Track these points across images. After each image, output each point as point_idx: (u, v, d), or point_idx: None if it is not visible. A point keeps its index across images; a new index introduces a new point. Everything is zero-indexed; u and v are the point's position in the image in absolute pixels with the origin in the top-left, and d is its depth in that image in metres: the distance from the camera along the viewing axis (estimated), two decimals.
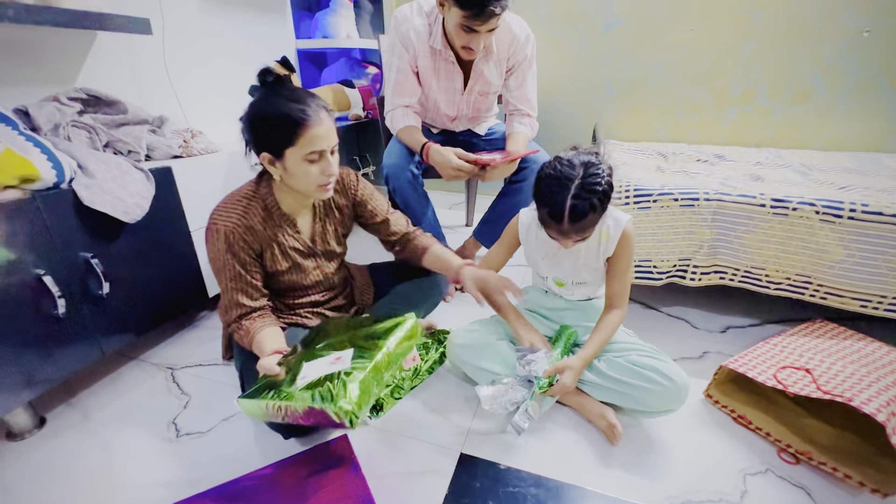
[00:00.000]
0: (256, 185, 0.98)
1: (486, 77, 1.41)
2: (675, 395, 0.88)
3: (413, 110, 1.43)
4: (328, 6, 2.09)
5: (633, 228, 0.96)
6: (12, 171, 0.86)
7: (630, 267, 0.98)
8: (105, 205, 0.99)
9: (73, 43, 1.20)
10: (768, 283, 1.23)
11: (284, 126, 0.84)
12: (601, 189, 0.82)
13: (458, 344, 1.07)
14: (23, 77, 1.11)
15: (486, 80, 1.41)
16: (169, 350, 1.27)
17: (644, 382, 0.90)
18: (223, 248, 0.92)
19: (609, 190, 0.84)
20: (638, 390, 0.90)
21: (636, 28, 1.96)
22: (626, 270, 0.98)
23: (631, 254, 0.97)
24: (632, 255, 0.97)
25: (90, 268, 1.00)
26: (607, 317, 0.98)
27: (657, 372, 0.89)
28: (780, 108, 1.89)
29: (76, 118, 1.12)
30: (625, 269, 0.98)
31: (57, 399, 1.08)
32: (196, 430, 0.99)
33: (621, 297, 0.99)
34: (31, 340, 0.92)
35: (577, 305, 1.09)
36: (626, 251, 0.96)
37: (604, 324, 0.97)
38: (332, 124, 0.91)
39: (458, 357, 1.08)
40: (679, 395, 0.89)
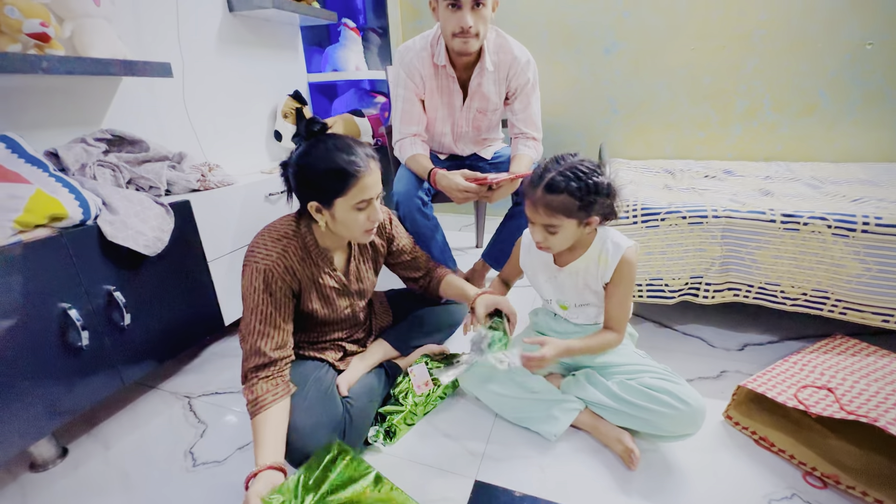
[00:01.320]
0: (296, 224, 0.97)
1: (483, 93, 1.43)
2: (691, 418, 0.87)
3: (421, 139, 1.48)
4: (338, 41, 2.18)
5: (634, 256, 0.94)
6: (43, 211, 0.90)
7: (629, 295, 0.97)
8: (127, 239, 1.03)
9: (99, 88, 1.27)
10: (784, 300, 1.21)
11: (337, 178, 0.85)
12: (586, 180, 0.84)
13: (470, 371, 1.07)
14: (53, 121, 1.18)
15: (484, 95, 1.44)
16: (186, 378, 1.29)
17: (657, 406, 0.88)
18: (261, 286, 0.89)
19: (595, 189, 0.85)
20: (651, 414, 0.89)
21: (637, 50, 2.00)
22: (624, 298, 0.96)
23: (630, 282, 0.95)
24: (631, 284, 0.96)
25: (112, 300, 1.04)
26: (602, 332, 0.98)
27: (671, 395, 0.88)
28: (786, 121, 1.90)
29: (101, 157, 1.18)
30: (623, 297, 0.96)
31: (78, 429, 1.10)
32: (212, 459, 1.00)
33: (619, 323, 0.98)
34: (56, 372, 0.95)
35: (586, 330, 1.07)
36: (625, 278, 0.94)
37: (597, 335, 0.98)
38: (379, 172, 0.92)
39: (470, 382, 1.08)
40: (695, 419, 0.87)
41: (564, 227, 0.89)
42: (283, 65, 1.98)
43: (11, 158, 0.97)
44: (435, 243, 1.46)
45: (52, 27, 0.96)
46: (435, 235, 1.46)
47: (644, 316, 1.50)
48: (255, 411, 0.85)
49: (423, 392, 1.10)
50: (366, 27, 2.41)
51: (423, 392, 1.10)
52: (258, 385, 0.87)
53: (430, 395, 1.12)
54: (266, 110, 1.90)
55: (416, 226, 1.41)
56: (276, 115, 1.90)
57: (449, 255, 1.52)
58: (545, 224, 0.90)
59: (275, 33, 1.90)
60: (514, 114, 1.50)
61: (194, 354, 1.40)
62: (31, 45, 0.95)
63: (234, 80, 1.73)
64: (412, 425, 1.06)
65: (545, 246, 0.94)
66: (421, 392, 1.09)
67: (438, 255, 1.47)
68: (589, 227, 0.93)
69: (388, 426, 1.02)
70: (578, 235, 0.93)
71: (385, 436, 1.01)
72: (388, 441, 1.01)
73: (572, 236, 0.92)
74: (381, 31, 2.41)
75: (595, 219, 0.91)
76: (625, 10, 1.96)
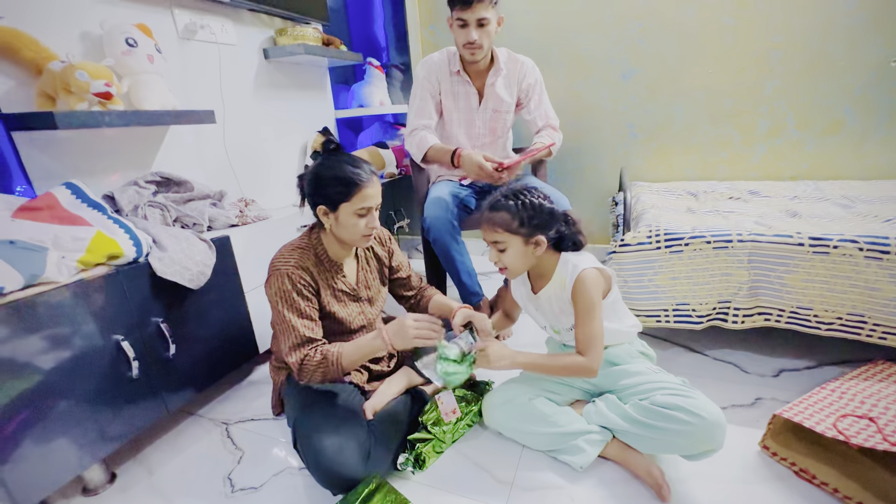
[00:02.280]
0: (308, 237, 1.09)
1: (497, 94, 1.59)
2: (708, 432, 0.85)
3: (430, 131, 1.60)
4: (363, 78, 2.31)
5: (589, 276, 0.96)
6: (102, 251, 0.99)
7: (588, 316, 0.96)
8: (175, 274, 1.11)
9: (151, 135, 1.40)
10: (818, 324, 1.18)
11: (343, 185, 0.98)
12: (524, 199, 0.97)
13: (493, 407, 1.09)
14: (110, 167, 1.30)
15: (498, 96, 1.60)
16: (223, 406, 1.35)
17: (671, 424, 0.87)
18: (288, 287, 1.00)
19: (532, 208, 0.96)
20: (666, 434, 0.87)
21: (653, 75, 2.03)
22: (583, 317, 0.96)
23: (586, 302, 0.95)
24: (587, 301, 0.95)
25: (160, 331, 1.11)
26: (570, 355, 0.98)
27: (682, 410, 0.86)
28: (812, 139, 1.87)
29: (151, 199, 1.28)
30: (582, 316, 0.97)
31: (125, 454, 1.16)
32: (249, 485, 1.04)
33: (585, 346, 0.96)
34: (109, 400, 1.01)
35: None
36: (581, 299, 0.96)
37: (561, 356, 1.00)
38: (379, 187, 1.03)
39: (495, 421, 1.10)
40: (712, 432, 0.85)
41: (510, 244, 0.98)
42: (313, 103, 2.10)
43: (75, 203, 1.08)
44: (463, 266, 1.51)
45: (114, 86, 1.07)
46: (464, 259, 1.51)
47: (672, 340, 1.48)
48: (338, 351, 0.98)
49: (451, 420, 1.11)
50: (389, 64, 2.54)
51: (451, 420, 1.11)
52: (317, 351, 0.98)
53: (458, 422, 1.13)
54: (297, 146, 2.01)
55: (446, 249, 1.47)
56: (307, 151, 2.01)
57: (475, 280, 1.56)
58: (492, 241, 1.00)
59: (305, 75, 2.03)
60: (530, 113, 1.65)
61: (230, 382, 1.46)
62: (95, 101, 1.07)
63: (269, 120, 1.85)
64: (441, 453, 1.08)
65: (501, 266, 1.01)
66: (449, 420, 1.11)
67: (466, 278, 1.51)
68: (538, 249, 0.98)
69: (417, 454, 1.04)
70: (530, 257, 1.00)
71: (415, 463, 1.03)
72: (418, 469, 1.03)
73: (522, 255, 0.99)
74: (403, 67, 2.53)
75: (541, 239, 0.97)
76: (639, 37, 2.00)
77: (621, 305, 1.10)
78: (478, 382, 1.27)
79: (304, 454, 0.98)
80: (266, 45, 1.80)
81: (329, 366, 0.97)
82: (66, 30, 1.17)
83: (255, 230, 1.43)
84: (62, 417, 0.93)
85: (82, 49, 1.20)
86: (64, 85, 1.03)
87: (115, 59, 1.16)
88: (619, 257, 1.34)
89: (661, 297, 1.31)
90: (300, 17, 1.88)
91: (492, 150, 1.71)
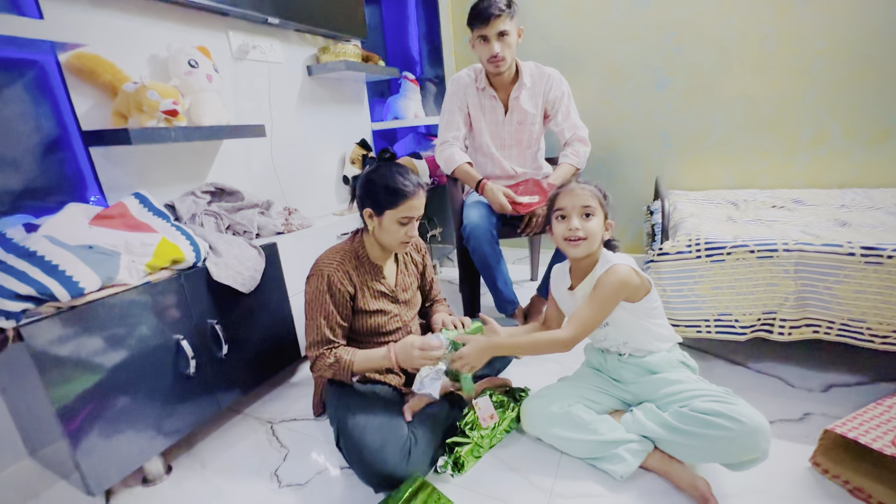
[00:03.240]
0: (351, 241, 1.17)
1: (522, 107, 1.64)
2: (750, 438, 0.83)
3: (460, 145, 1.66)
4: (398, 92, 2.38)
5: (620, 270, 0.98)
6: (167, 255, 1.07)
7: (597, 301, 0.98)
8: (229, 279, 1.18)
9: (206, 149, 1.50)
10: (872, 337, 1.14)
11: (392, 193, 1.04)
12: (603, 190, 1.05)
13: (532, 414, 1.10)
14: (171, 178, 1.40)
15: (523, 109, 1.65)
16: (268, 405, 1.41)
17: (710, 430, 0.85)
18: (324, 289, 1.08)
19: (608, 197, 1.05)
20: (706, 440, 0.86)
21: (688, 85, 2.01)
22: (589, 301, 0.99)
23: (605, 290, 0.98)
24: (606, 293, 0.98)
25: (214, 332, 1.18)
26: (551, 331, 1.01)
27: (722, 416, 0.85)
28: (859, 148, 1.81)
29: (207, 207, 1.37)
30: (589, 300, 1.00)
31: (180, 448, 1.23)
32: (295, 481, 1.08)
33: (573, 322, 0.99)
34: (168, 397, 1.09)
35: (632, 362, 1.08)
36: (599, 285, 0.99)
37: (541, 333, 1.03)
38: (424, 199, 1.09)
39: (534, 428, 1.11)
40: (755, 439, 0.83)
41: (597, 214, 1.02)
42: (351, 116, 2.19)
43: (143, 212, 1.17)
44: (500, 274, 1.53)
45: (180, 104, 1.17)
46: (500, 267, 1.54)
47: (713, 352, 1.45)
48: (350, 359, 1.05)
49: (489, 425, 1.13)
50: (423, 77, 2.61)
51: (489, 425, 1.13)
52: (332, 352, 1.06)
53: (496, 428, 1.15)
54: (336, 157, 2.10)
55: (484, 257, 1.50)
56: (345, 162, 2.09)
57: (511, 289, 1.58)
58: (584, 205, 1.01)
59: (344, 90, 2.12)
60: (558, 125, 1.68)
61: (276, 383, 1.52)
62: (163, 118, 1.16)
63: (311, 132, 1.94)
64: (479, 457, 1.09)
65: (582, 235, 1.00)
66: (486, 425, 1.13)
67: (502, 286, 1.54)
68: (608, 232, 1.05)
69: (455, 457, 1.06)
70: (602, 238, 1.03)
71: (453, 466, 1.05)
72: (457, 472, 1.05)
73: (601, 231, 1.03)
74: (437, 80, 2.60)
75: (611, 223, 1.05)
76: (674, 47, 2.00)
77: (661, 314, 1.09)
78: (514, 389, 1.28)
79: (347, 452, 1.03)
80: (310, 62, 1.90)
81: (340, 369, 1.06)
82: (136, 53, 1.28)
83: (298, 237, 1.50)
84: (128, 410, 1.00)
85: (150, 70, 1.31)
86: (136, 104, 1.13)
87: (180, 79, 1.26)
88: (658, 266, 1.33)
89: (702, 307, 1.29)
90: (341, 35, 1.97)
91: (521, 160, 1.75)
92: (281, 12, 1.62)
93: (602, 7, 2.08)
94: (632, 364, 1.08)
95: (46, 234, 0.95)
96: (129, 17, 1.26)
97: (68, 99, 1.14)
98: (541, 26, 2.23)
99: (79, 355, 0.91)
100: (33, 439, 1.06)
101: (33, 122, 1.09)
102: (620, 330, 1.06)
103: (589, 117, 1.74)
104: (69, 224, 1.02)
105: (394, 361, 1.04)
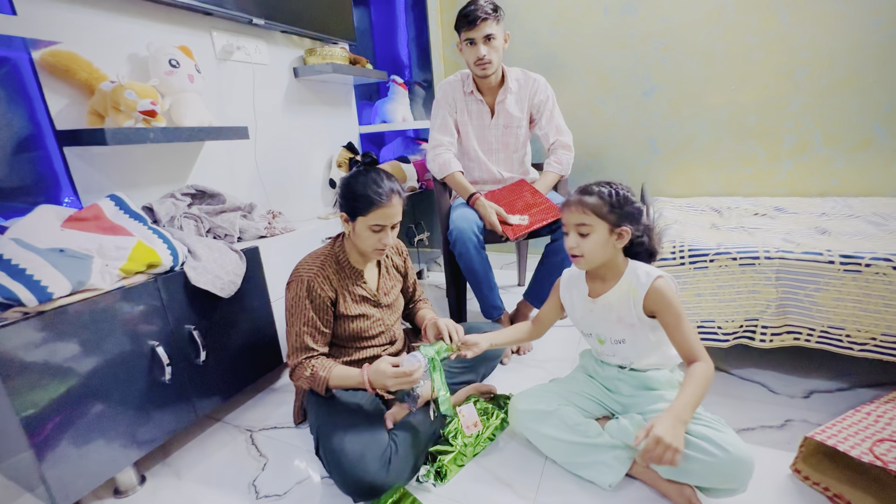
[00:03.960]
0: (332, 245, 1.16)
1: (507, 111, 1.66)
2: (732, 468, 0.82)
3: (453, 151, 1.67)
4: (386, 95, 2.37)
5: (665, 284, 0.94)
6: (142, 259, 1.04)
7: (680, 318, 0.93)
8: (207, 283, 1.15)
9: (187, 150, 1.47)
10: (851, 344, 1.15)
11: (363, 200, 1.04)
12: (617, 189, 0.96)
13: (521, 410, 1.08)
14: (149, 179, 1.37)
15: (509, 113, 1.67)
16: (248, 413, 1.38)
17: (694, 452, 0.84)
18: (304, 294, 1.06)
19: (625, 201, 0.95)
20: (689, 461, 0.85)
21: (675, 92, 2.04)
22: (677, 323, 0.93)
23: (671, 306, 0.93)
24: (675, 308, 0.93)
25: (192, 338, 1.15)
26: (690, 368, 0.92)
27: (710, 441, 0.84)
28: (840, 156, 1.84)
29: (186, 210, 1.34)
30: (676, 322, 0.93)
31: (154, 458, 1.19)
32: (273, 492, 1.05)
33: (692, 349, 0.91)
34: (142, 404, 1.05)
35: (632, 376, 1.05)
36: (665, 305, 0.93)
37: (689, 374, 0.90)
38: (400, 207, 1.07)
39: (521, 423, 1.09)
40: (737, 470, 0.82)
41: (595, 229, 0.95)
42: (338, 119, 2.17)
43: (118, 214, 1.13)
44: (486, 280, 1.53)
45: (159, 104, 1.14)
46: (487, 273, 1.54)
47: None
48: (325, 375, 1.03)
49: (473, 433, 1.11)
50: (412, 81, 2.60)
51: (473, 433, 1.11)
52: (311, 362, 1.06)
53: (480, 436, 1.13)
54: (322, 160, 2.08)
55: (470, 262, 1.49)
56: (332, 165, 2.07)
57: (497, 294, 1.57)
58: (577, 223, 0.96)
59: (331, 92, 2.11)
60: (541, 128, 1.70)
61: (255, 390, 1.49)
62: (141, 119, 1.13)
63: (296, 135, 1.91)
64: (462, 466, 1.08)
65: (578, 253, 0.97)
66: (470, 433, 1.11)
67: (488, 291, 1.54)
68: (621, 241, 0.96)
69: (438, 466, 1.04)
70: (609, 249, 0.96)
71: (436, 476, 1.03)
72: (439, 481, 1.03)
73: (603, 244, 0.95)
74: (425, 84, 2.59)
75: (626, 230, 0.95)
76: (662, 55, 2.02)
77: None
78: (499, 396, 1.27)
79: (327, 460, 1.00)
80: (296, 64, 1.88)
81: (314, 382, 1.04)
82: (115, 52, 1.25)
83: (282, 241, 1.48)
84: (99, 420, 0.97)
85: (129, 69, 1.28)
86: (114, 103, 1.10)
87: (160, 78, 1.23)
88: None
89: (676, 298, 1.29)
90: (328, 38, 1.96)
91: (508, 164, 1.75)
92: (267, 14, 1.60)
93: (591, 15, 2.10)
94: (631, 377, 1.05)
95: (14, 237, 0.91)
96: (108, 14, 1.23)
97: (42, 97, 1.11)
98: (530, 33, 2.24)
99: (47, 362, 0.87)
100: None
101: (4, 120, 1.06)
102: (635, 348, 1.02)
103: (576, 124, 1.76)
104: (39, 226, 0.98)
105: (366, 382, 1.00)
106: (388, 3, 2.53)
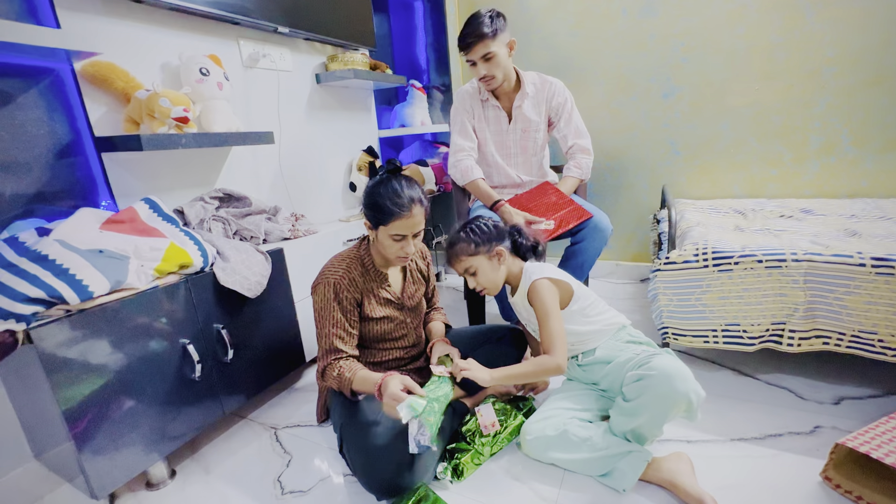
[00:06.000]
0: (357, 248, 1.18)
1: (525, 115, 1.67)
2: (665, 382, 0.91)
3: (474, 157, 1.69)
4: (405, 99, 2.41)
5: (540, 285, 1.09)
6: (175, 260, 1.08)
7: (547, 316, 1.06)
8: (235, 284, 1.19)
9: (216, 155, 1.52)
10: (884, 350, 1.12)
11: (384, 210, 1.04)
12: (470, 225, 1.17)
13: (530, 440, 1.07)
14: (180, 183, 1.42)
15: (526, 117, 1.67)
16: (272, 411, 1.41)
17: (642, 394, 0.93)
18: (331, 296, 1.09)
19: (479, 229, 1.15)
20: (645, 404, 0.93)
21: (696, 93, 2.01)
22: (544, 319, 1.07)
23: (542, 305, 1.07)
24: (544, 306, 1.07)
25: (220, 337, 1.19)
26: (540, 357, 1.05)
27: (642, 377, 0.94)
28: (870, 157, 1.79)
29: (215, 213, 1.38)
30: (543, 319, 1.07)
31: (184, 453, 1.23)
32: (298, 488, 1.08)
33: (549, 344, 1.05)
34: (173, 400, 1.09)
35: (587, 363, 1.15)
36: (537, 304, 1.08)
37: (532, 360, 1.07)
38: (422, 216, 1.07)
39: (533, 453, 1.08)
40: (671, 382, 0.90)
41: (477, 265, 1.14)
42: (358, 124, 2.21)
43: (152, 216, 1.18)
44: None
45: (191, 111, 1.18)
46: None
47: (721, 363, 1.43)
48: (350, 377, 1.04)
49: (490, 433, 1.12)
50: (430, 85, 2.63)
51: (490, 433, 1.12)
52: (338, 364, 1.07)
53: (498, 435, 1.14)
54: (343, 164, 2.12)
55: None
56: (352, 169, 2.11)
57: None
58: (463, 270, 1.16)
59: (352, 98, 2.15)
60: (560, 131, 1.70)
61: (279, 388, 1.52)
62: (174, 125, 1.18)
63: (318, 139, 1.96)
64: (479, 465, 1.08)
65: (480, 288, 1.16)
66: (488, 433, 1.12)
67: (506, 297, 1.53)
68: (502, 258, 1.15)
69: (455, 464, 1.05)
70: (498, 268, 1.15)
71: (453, 473, 1.04)
72: (456, 478, 1.04)
73: (491, 270, 1.15)
74: (443, 88, 2.62)
75: (500, 249, 1.14)
76: (682, 56, 2.00)
77: (593, 308, 1.14)
78: (517, 397, 1.27)
79: (350, 459, 1.02)
80: (318, 70, 1.92)
81: (341, 384, 1.06)
82: (149, 61, 1.30)
83: (305, 243, 1.51)
84: (133, 414, 1.01)
85: (162, 78, 1.33)
86: (148, 111, 1.15)
87: (191, 86, 1.28)
88: (664, 275, 1.32)
89: (710, 317, 1.28)
90: (349, 44, 2.00)
91: (526, 168, 1.75)
92: (291, 22, 1.65)
93: (609, 18, 2.09)
94: (588, 364, 1.14)
95: (58, 238, 0.96)
96: (143, 26, 1.29)
97: (82, 105, 1.17)
98: (548, 37, 2.24)
99: (86, 358, 0.91)
100: (39, 442, 1.07)
101: (47, 128, 1.12)
102: None
103: (596, 126, 1.75)
104: (80, 228, 1.03)
105: (376, 394, 0.99)
106: (406, 9, 2.57)
